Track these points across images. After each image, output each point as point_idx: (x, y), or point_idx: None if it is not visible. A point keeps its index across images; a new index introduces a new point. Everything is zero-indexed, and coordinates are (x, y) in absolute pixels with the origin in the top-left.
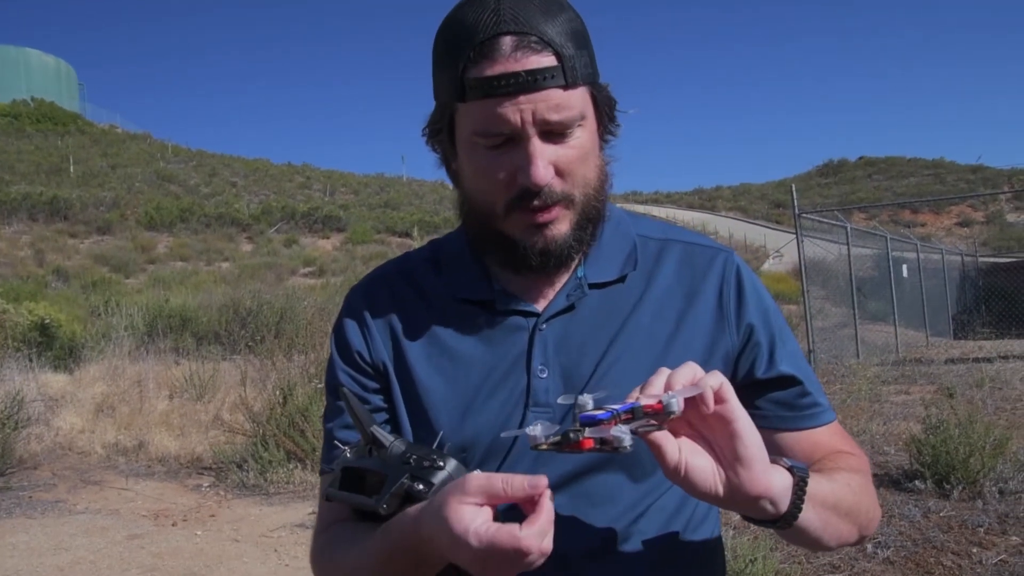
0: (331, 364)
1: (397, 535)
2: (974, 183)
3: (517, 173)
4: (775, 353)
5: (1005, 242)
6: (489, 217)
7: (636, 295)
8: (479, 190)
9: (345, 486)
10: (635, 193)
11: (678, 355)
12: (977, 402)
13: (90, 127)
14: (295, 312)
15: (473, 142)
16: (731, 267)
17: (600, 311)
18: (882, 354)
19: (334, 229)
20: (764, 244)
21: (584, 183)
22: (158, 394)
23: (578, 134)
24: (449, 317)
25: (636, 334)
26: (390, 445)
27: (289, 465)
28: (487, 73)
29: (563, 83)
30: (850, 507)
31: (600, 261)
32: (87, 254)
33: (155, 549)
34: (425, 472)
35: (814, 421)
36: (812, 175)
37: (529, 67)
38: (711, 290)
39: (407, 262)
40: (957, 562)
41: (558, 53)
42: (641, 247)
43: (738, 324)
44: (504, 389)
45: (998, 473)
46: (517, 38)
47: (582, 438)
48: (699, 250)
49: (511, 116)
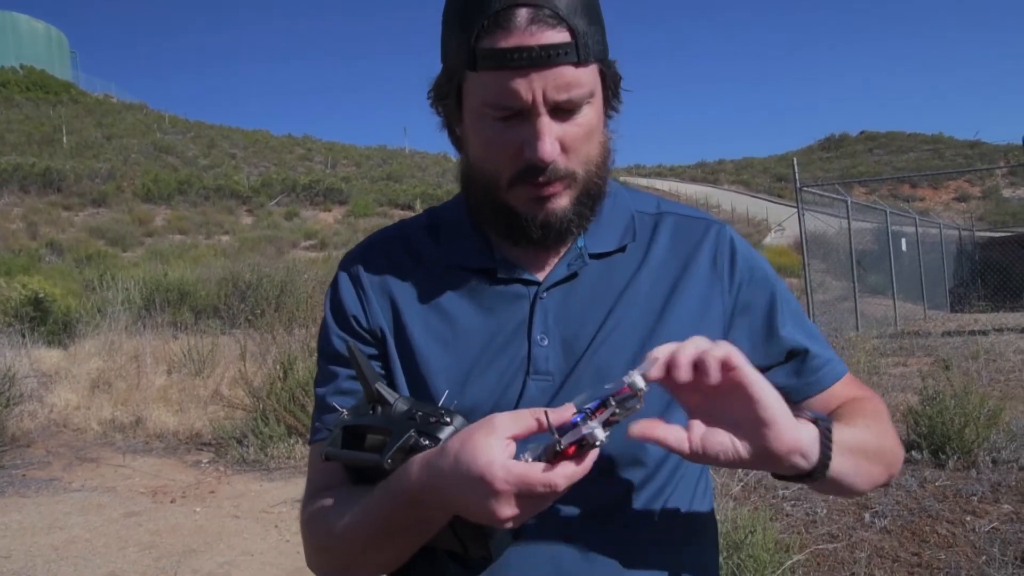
0: (325, 329)
1: (399, 487)
2: (971, 158)
3: (524, 147)
4: (775, 318)
5: (1001, 217)
6: (493, 187)
7: (634, 266)
8: (484, 160)
9: (344, 447)
10: (638, 166)
11: (672, 322)
12: (972, 374)
13: (84, 96)
14: (296, 285)
15: (481, 112)
16: (724, 237)
17: (600, 281)
18: (881, 327)
19: (336, 202)
20: (766, 217)
21: (587, 160)
22: (156, 369)
23: (585, 111)
24: (448, 284)
25: (634, 303)
26: (395, 402)
27: (290, 440)
28: (500, 45)
29: (575, 60)
30: (876, 449)
31: (600, 232)
32: (82, 227)
33: (153, 526)
34: (432, 427)
35: (825, 382)
36: (814, 149)
37: (543, 42)
38: (705, 258)
39: (404, 228)
40: (951, 530)
41: (572, 29)
42: (639, 220)
43: (731, 292)
44: (504, 357)
45: (992, 443)
46: (533, 10)
47: (564, 447)
48: (693, 222)
49: (523, 91)
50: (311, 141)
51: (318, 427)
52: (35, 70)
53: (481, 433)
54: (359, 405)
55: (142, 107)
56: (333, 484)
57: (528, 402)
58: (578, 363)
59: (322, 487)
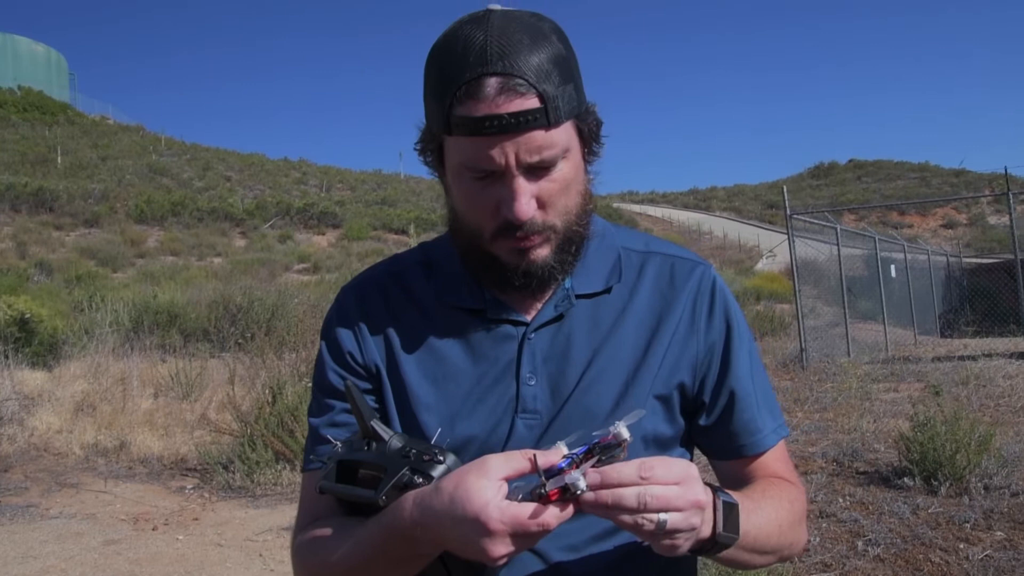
0: (320, 363)
1: (392, 522)
2: (957, 186)
3: (501, 206)
4: (730, 370)
5: (987, 243)
6: (476, 238)
7: (620, 306)
8: (467, 214)
9: (338, 480)
10: (631, 193)
11: (652, 362)
12: (963, 399)
13: (80, 118)
14: (287, 309)
15: (460, 171)
16: (707, 280)
17: (586, 321)
18: (872, 352)
19: (330, 225)
20: (758, 244)
21: (566, 211)
22: (142, 392)
23: (561, 166)
24: (440, 323)
25: (621, 344)
26: (389, 439)
27: (277, 466)
28: (472, 113)
29: (546, 124)
30: (773, 547)
31: (586, 273)
32: (73, 247)
33: (133, 555)
34: (425, 465)
35: (755, 450)
36: (804, 177)
37: (512, 110)
38: (687, 300)
39: (398, 264)
40: (945, 558)
41: (541, 95)
42: (625, 259)
43: (706, 335)
44: (493, 395)
45: (983, 469)
46: (502, 79)
47: (548, 491)
48: (679, 262)
49: (496, 156)
50: (307, 165)
51: (312, 457)
52: (33, 91)
53: (475, 475)
54: (353, 440)
55: (138, 129)
56: (325, 514)
57: (516, 440)
58: (565, 403)
59: (314, 516)
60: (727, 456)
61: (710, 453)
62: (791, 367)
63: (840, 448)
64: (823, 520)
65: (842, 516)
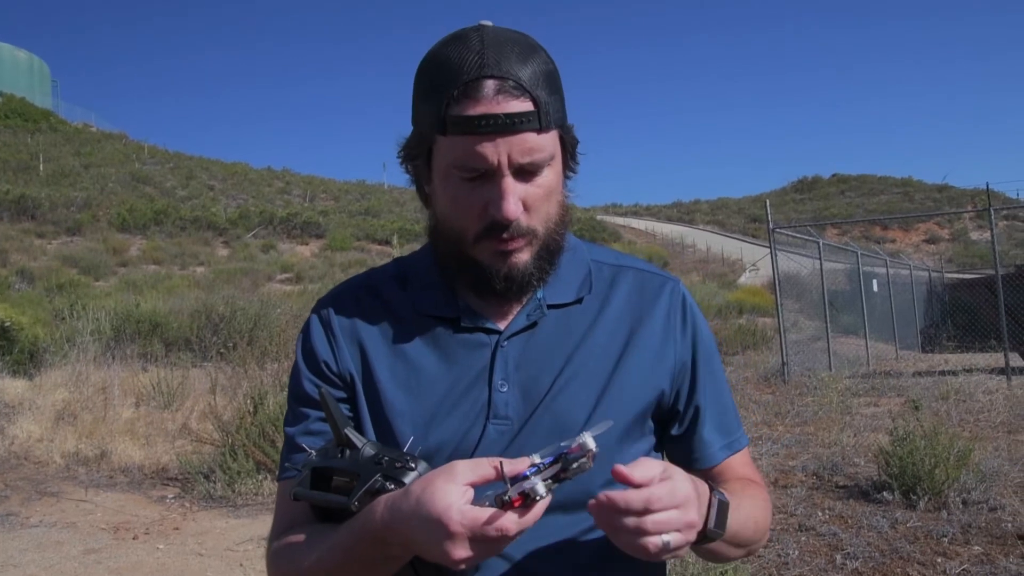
0: (296, 372)
1: (364, 525)
2: (940, 202)
3: (489, 206)
4: (696, 385)
5: (969, 259)
6: (459, 242)
7: (591, 317)
8: (451, 216)
9: (312, 487)
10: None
11: (627, 373)
12: (942, 414)
13: (63, 125)
14: (269, 319)
15: (449, 173)
16: (677, 294)
17: (558, 331)
18: (853, 366)
19: (313, 235)
20: (741, 257)
21: (547, 218)
22: (123, 402)
23: (546, 173)
24: (414, 332)
25: (591, 353)
26: (362, 447)
27: (258, 476)
28: (469, 112)
29: (538, 127)
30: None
31: (558, 284)
32: (55, 255)
33: (113, 564)
34: (397, 472)
35: (708, 463)
36: (787, 191)
37: (508, 110)
38: (660, 314)
39: (373, 277)
40: (923, 572)
41: (535, 99)
42: (596, 272)
43: (680, 348)
44: (467, 402)
45: (962, 484)
46: (499, 82)
47: (511, 497)
48: (650, 277)
49: (489, 155)
50: (290, 174)
51: (287, 466)
52: (15, 98)
53: (442, 479)
54: (328, 448)
55: (121, 137)
56: (300, 521)
57: (487, 445)
58: (536, 409)
59: (289, 523)
60: (690, 466)
61: (677, 462)
62: (773, 381)
63: (820, 462)
64: (802, 533)
65: (821, 529)
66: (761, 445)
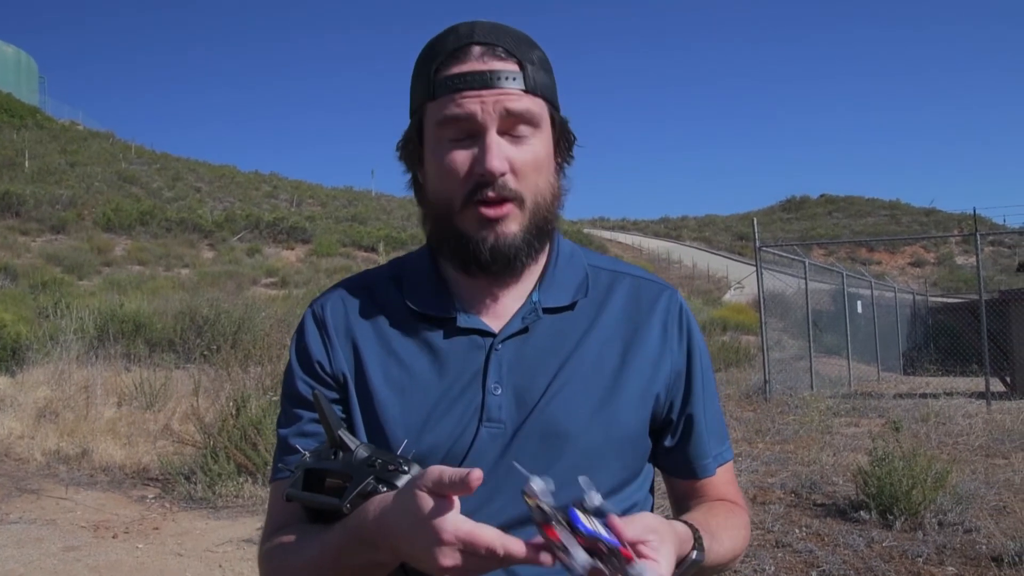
0: (289, 372)
1: (355, 524)
2: (927, 225)
3: (475, 164)
4: (690, 396)
5: (954, 283)
6: (447, 214)
7: (587, 322)
8: (440, 185)
9: (305, 489)
10: (602, 219)
11: (625, 381)
12: (922, 436)
13: (49, 122)
14: (253, 323)
15: (438, 137)
16: (675, 303)
17: (553, 335)
18: (835, 387)
19: (299, 240)
20: (726, 275)
21: (536, 190)
22: (106, 401)
23: (533, 141)
24: (409, 333)
25: (585, 359)
26: (355, 449)
27: (239, 478)
28: (454, 71)
29: (523, 86)
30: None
31: (554, 287)
32: (39, 253)
33: (92, 562)
34: (390, 475)
35: (705, 473)
36: (775, 210)
37: (493, 68)
38: (657, 323)
39: (368, 278)
40: None
41: (520, 61)
42: (593, 276)
43: (676, 357)
44: (460, 404)
45: (938, 505)
46: (486, 47)
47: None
48: (647, 284)
49: (473, 106)
50: (278, 179)
51: (280, 467)
52: (1, 93)
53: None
54: (321, 449)
55: (109, 136)
56: (292, 522)
57: (480, 448)
58: (530, 414)
59: (282, 524)
60: (680, 476)
61: (668, 471)
62: (754, 398)
63: (799, 480)
64: (779, 550)
65: (798, 546)
66: (741, 462)
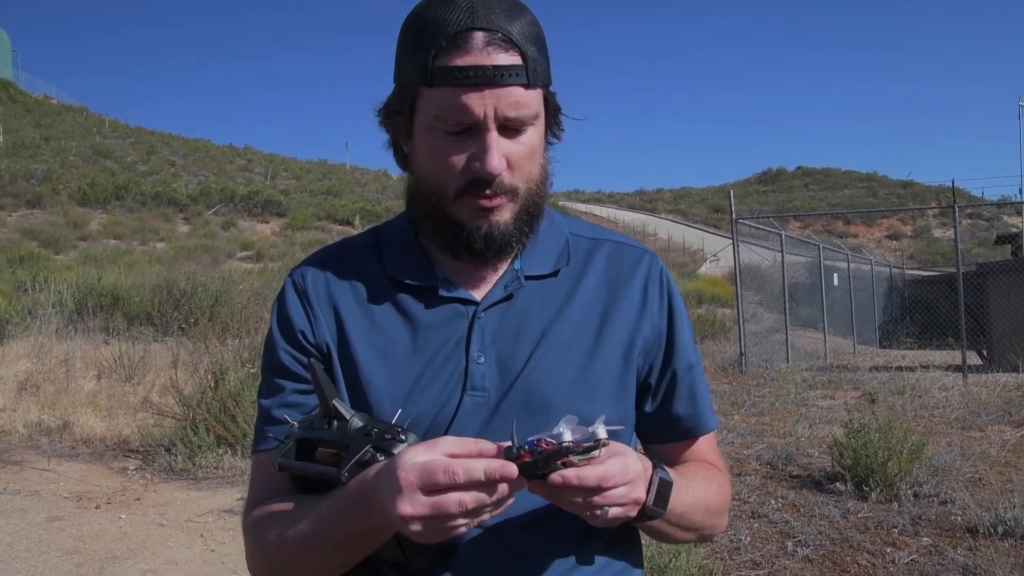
0: (271, 342)
1: (354, 491)
2: (904, 198)
3: (472, 160)
4: (671, 358)
5: (931, 256)
6: (439, 199)
7: (568, 289)
8: (433, 172)
9: (295, 459)
10: (577, 192)
11: (606, 345)
12: (898, 409)
13: (23, 96)
14: (230, 296)
15: (433, 126)
16: (656, 267)
17: (535, 302)
18: (811, 359)
19: (274, 214)
20: (702, 247)
21: (529, 178)
22: (85, 374)
23: (530, 132)
24: (390, 301)
25: (568, 325)
26: (351, 418)
27: (219, 450)
28: (457, 62)
29: (525, 82)
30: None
31: (536, 255)
32: (14, 228)
33: (76, 532)
34: (387, 444)
35: (696, 432)
36: (751, 182)
37: (497, 63)
38: (637, 286)
39: (348, 246)
40: (872, 561)
41: (523, 53)
42: (573, 244)
43: (657, 320)
44: (444, 373)
45: (914, 477)
46: (488, 34)
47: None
48: (627, 249)
49: (475, 107)
50: (252, 152)
51: (269, 437)
52: None
53: (424, 446)
54: (313, 419)
55: (82, 110)
56: (279, 492)
57: (464, 416)
58: (513, 382)
59: (267, 495)
60: (666, 439)
61: (649, 438)
62: (730, 371)
63: (775, 452)
64: (755, 520)
65: (773, 517)
66: (717, 434)
